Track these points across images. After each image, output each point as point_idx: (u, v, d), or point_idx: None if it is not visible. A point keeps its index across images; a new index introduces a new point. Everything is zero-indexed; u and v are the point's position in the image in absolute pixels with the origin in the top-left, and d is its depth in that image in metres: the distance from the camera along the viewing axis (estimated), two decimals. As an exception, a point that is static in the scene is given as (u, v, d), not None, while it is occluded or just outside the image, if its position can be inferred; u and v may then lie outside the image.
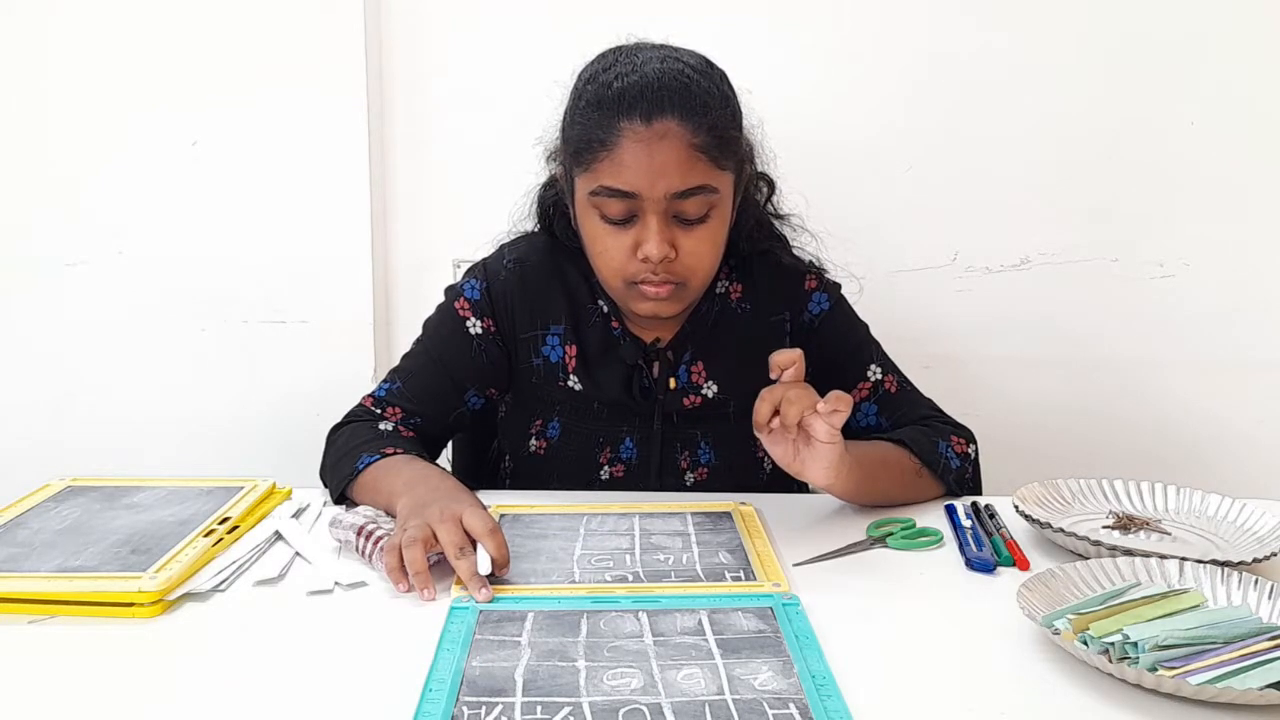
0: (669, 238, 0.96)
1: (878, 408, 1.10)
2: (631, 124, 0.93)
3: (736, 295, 1.10)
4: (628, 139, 0.93)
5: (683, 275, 0.98)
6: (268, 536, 0.91)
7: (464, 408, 1.11)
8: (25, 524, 0.90)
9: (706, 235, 0.98)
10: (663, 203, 0.95)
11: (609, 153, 0.94)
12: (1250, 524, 0.94)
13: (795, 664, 0.67)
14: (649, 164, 0.93)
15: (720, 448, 1.11)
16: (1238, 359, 1.55)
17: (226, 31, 1.45)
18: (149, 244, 1.51)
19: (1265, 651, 0.67)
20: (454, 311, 1.10)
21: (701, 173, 0.95)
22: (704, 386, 1.08)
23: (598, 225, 0.98)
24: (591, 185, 0.96)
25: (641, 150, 0.93)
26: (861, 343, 1.13)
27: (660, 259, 0.96)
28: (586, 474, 1.10)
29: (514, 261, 1.09)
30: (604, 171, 0.95)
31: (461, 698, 0.63)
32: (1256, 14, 1.45)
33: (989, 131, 1.50)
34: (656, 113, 0.93)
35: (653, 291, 0.98)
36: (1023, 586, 0.76)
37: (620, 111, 0.94)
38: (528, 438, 1.12)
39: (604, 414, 1.09)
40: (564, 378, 1.08)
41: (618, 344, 1.07)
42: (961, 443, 1.07)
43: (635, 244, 0.96)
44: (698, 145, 0.94)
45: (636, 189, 0.94)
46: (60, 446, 1.55)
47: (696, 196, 0.95)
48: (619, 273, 0.99)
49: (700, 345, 1.09)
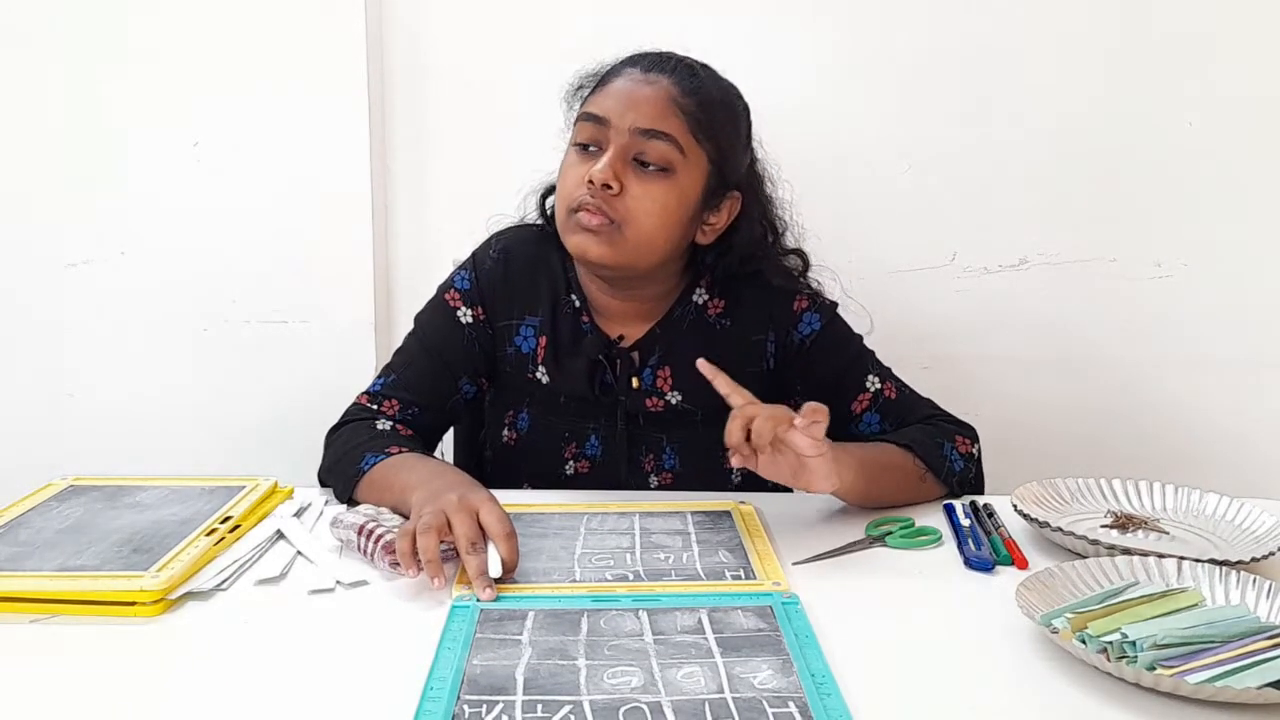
0: (620, 172, 0.99)
1: (880, 416, 1.10)
2: (631, 69, 1.02)
3: (716, 310, 1.10)
4: (622, 77, 1.02)
5: (620, 216, 0.99)
6: (269, 536, 0.91)
7: (459, 395, 1.11)
8: (27, 523, 0.90)
9: (657, 190, 1.00)
10: (626, 136, 0.99)
11: (602, 85, 1.03)
12: (1248, 523, 0.94)
13: (795, 663, 0.68)
14: (628, 97, 1.00)
15: (685, 454, 1.11)
16: (1236, 359, 1.55)
17: (227, 32, 1.45)
18: (151, 244, 1.52)
19: (1263, 650, 0.67)
20: (445, 303, 1.12)
21: (672, 125, 0.99)
22: (669, 393, 1.09)
23: (571, 155, 1.03)
24: (577, 114, 1.03)
25: (627, 86, 1.01)
26: (856, 357, 1.11)
27: (602, 184, 0.98)
28: (553, 468, 1.11)
29: (500, 250, 1.13)
30: (591, 101, 1.03)
31: (462, 696, 0.63)
32: (1256, 14, 1.45)
33: (988, 131, 1.50)
34: (654, 68, 1.01)
35: (586, 220, 0.99)
36: (1021, 585, 0.76)
37: (627, 62, 1.03)
38: (502, 427, 1.14)
39: (570, 408, 1.10)
40: (533, 369, 1.10)
41: (584, 336, 1.09)
42: (966, 443, 1.07)
43: (589, 173, 0.99)
44: (679, 103, 1.00)
45: (607, 114, 1.00)
46: (61, 446, 1.55)
47: (660, 141, 0.99)
48: (567, 198, 1.02)
49: (668, 350, 1.09)
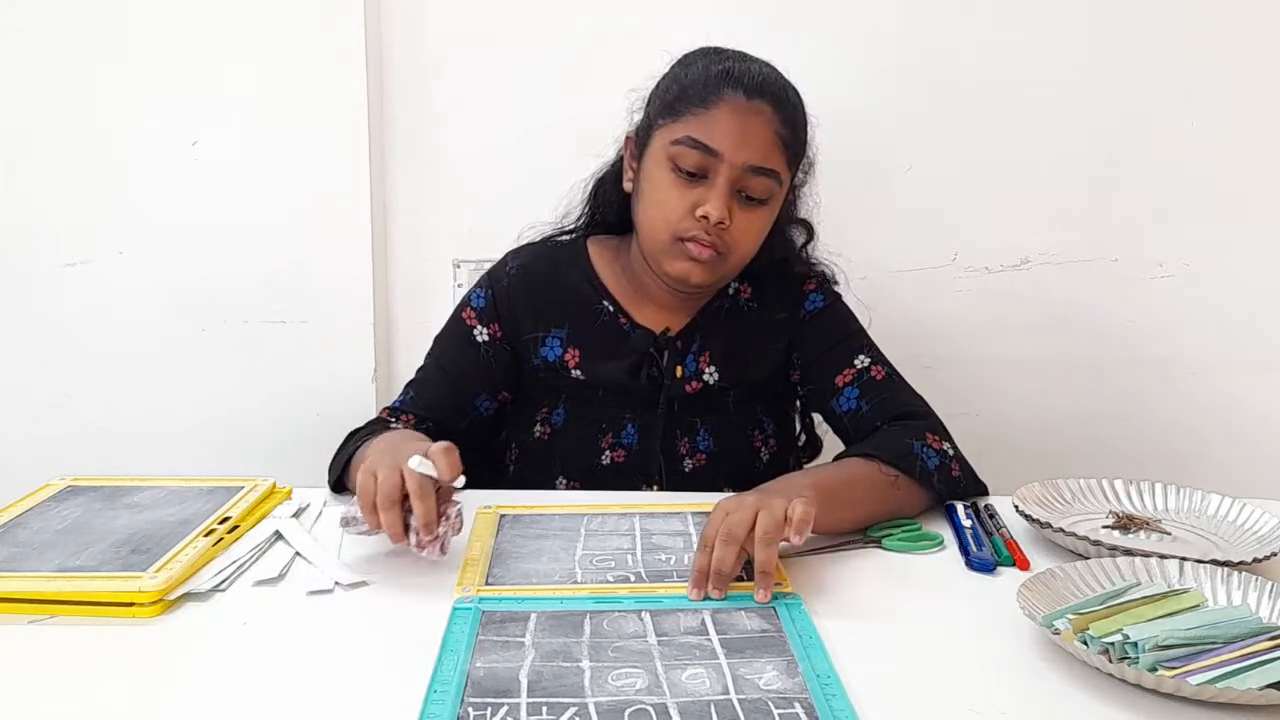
0: (730, 206, 1.02)
1: (860, 392, 1.10)
2: (734, 93, 1.01)
3: (746, 295, 1.16)
4: (727, 103, 1.01)
5: (727, 247, 1.04)
6: (268, 536, 0.90)
7: (475, 414, 1.14)
8: (25, 524, 0.90)
9: (758, 219, 1.05)
10: (738, 171, 1.01)
11: (705, 109, 1.01)
12: (1250, 524, 0.94)
13: (800, 663, 0.68)
14: (740, 132, 1.00)
15: (718, 435, 1.14)
16: (1238, 358, 1.55)
17: (227, 31, 1.45)
18: (149, 244, 1.51)
19: (1265, 651, 0.67)
20: (462, 321, 1.15)
21: (777, 159, 1.03)
22: (706, 372, 1.12)
23: (666, 175, 1.03)
24: (677, 134, 1.02)
25: (736, 117, 1.00)
26: (852, 335, 1.15)
27: (717, 221, 1.01)
28: (589, 459, 1.13)
29: (517, 268, 1.15)
30: (694, 125, 1.01)
31: (467, 699, 0.63)
32: (1256, 14, 1.45)
33: (989, 132, 1.50)
34: (756, 94, 1.01)
35: (696, 250, 1.03)
36: (1023, 586, 0.76)
37: (726, 81, 1.02)
38: (533, 424, 1.15)
39: (608, 400, 1.13)
40: (566, 371, 1.12)
41: (627, 337, 1.11)
42: (936, 439, 1.03)
43: (697, 202, 1.02)
44: (782, 135, 1.03)
45: (721, 149, 1.00)
46: (60, 446, 1.54)
47: (765, 178, 1.02)
48: (671, 225, 1.03)
49: (707, 337, 1.13)
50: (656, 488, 1.12)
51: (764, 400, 1.17)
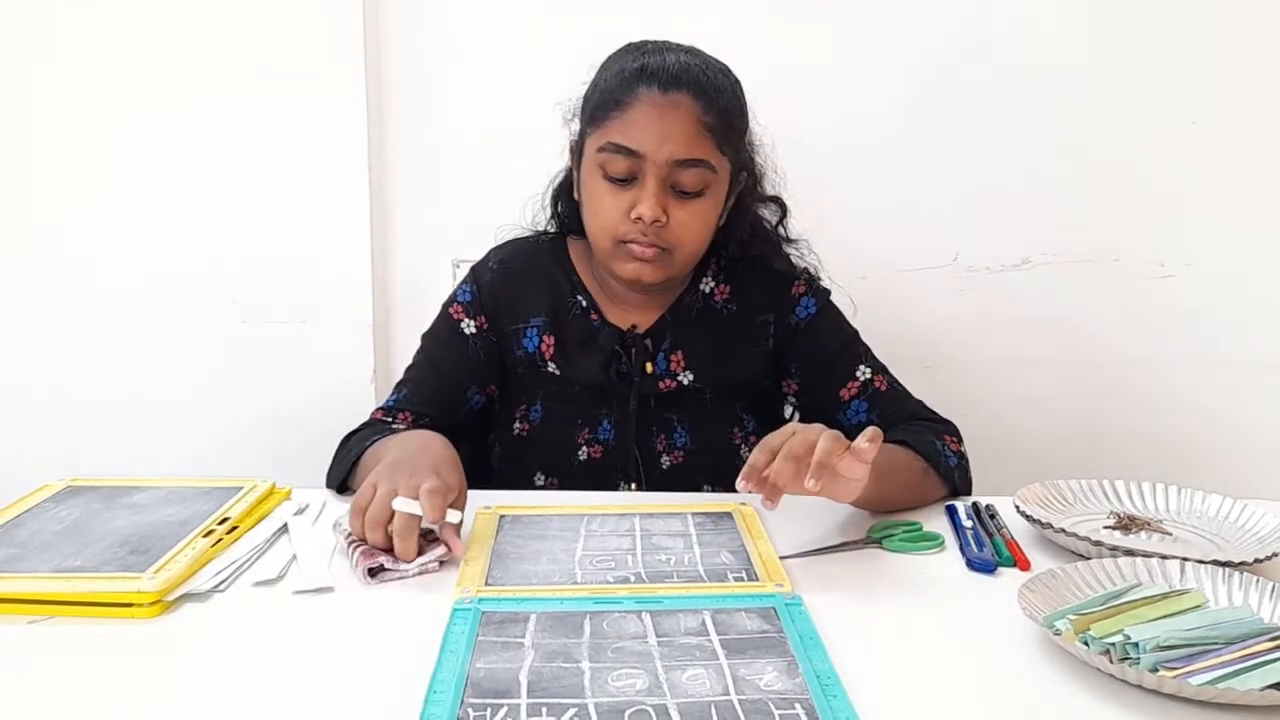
0: (663, 203, 1.01)
1: (867, 405, 1.11)
2: (649, 90, 1.00)
3: (723, 296, 1.14)
4: (643, 101, 1.00)
5: (670, 243, 1.03)
6: (267, 537, 0.90)
7: (468, 406, 1.15)
8: (24, 524, 0.90)
9: (698, 211, 1.04)
10: (664, 168, 1.00)
11: (622, 112, 1.01)
12: (1251, 524, 0.94)
13: (800, 664, 0.67)
14: (659, 128, 0.99)
15: (696, 433, 1.13)
16: (1239, 359, 1.55)
17: (226, 31, 1.45)
18: (148, 244, 1.51)
19: (1266, 652, 0.67)
20: (449, 316, 1.15)
21: (704, 149, 1.01)
22: (680, 374, 1.12)
23: (599, 183, 1.03)
24: (601, 142, 1.02)
25: (654, 114, 1.00)
26: (849, 344, 1.14)
27: (652, 221, 1.01)
28: (566, 455, 1.13)
29: (499, 262, 1.16)
30: (615, 129, 1.01)
31: (466, 699, 0.63)
32: (1256, 14, 1.45)
33: (989, 132, 1.50)
34: (673, 86, 1.00)
35: (639, 251, 1.03)
36: (1024, 587, 0.76)
37: (641, 79, 1.01)
38: (513, 422, 1.16)
39: (584, 396, 1.13)
40: (543, 364, 1.13)
41: (597, 333, 1.12)
42: (954, 441, 1.08)
43: (631, 204, 1.02)
44: (706, 123, 1.01)
45: (643, 149, 1.00)
46: (59, 446, 1.55)
47: (696, 169, 1.01)
48: (610, 231, 1.03)
49: (679, 335, 1.13)
50: (635, 486, 1.12)
51: (744, 399, 1.16)
